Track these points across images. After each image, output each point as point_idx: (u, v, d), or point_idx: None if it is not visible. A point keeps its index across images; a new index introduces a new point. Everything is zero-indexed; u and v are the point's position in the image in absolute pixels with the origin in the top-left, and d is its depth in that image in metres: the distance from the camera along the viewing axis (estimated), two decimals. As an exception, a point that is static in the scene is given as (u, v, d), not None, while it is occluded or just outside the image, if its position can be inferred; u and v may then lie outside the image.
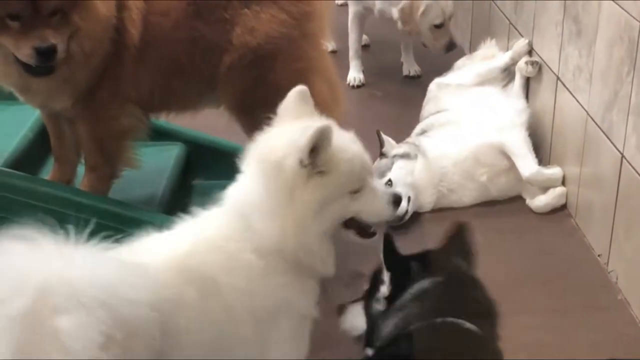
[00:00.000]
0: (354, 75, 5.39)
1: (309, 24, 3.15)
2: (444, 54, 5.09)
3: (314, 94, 3.17)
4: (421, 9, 4.95)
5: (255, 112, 3.16)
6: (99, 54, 2.99)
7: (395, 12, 5.09)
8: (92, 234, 1.89)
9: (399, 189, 3.80)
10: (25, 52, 2.79)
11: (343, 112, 3.32)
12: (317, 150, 2.07)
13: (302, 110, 2.27)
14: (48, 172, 3.46)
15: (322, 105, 3.19)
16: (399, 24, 5.10)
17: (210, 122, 3.62)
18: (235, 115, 3.23)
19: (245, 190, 2.17)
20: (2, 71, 2.95)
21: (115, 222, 2.98)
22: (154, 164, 3.60)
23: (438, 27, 5.03)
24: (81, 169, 3.34)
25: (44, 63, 2.83)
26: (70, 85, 3.03)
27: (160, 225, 2.24)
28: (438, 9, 4.98)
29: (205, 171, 3.85)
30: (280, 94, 3.14)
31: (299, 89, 2.30)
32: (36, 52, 2.79)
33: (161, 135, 3.79)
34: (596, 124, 3.53)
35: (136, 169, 3.32)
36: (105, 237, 1.92)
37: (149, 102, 3.19)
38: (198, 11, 3.07)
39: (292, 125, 2.20)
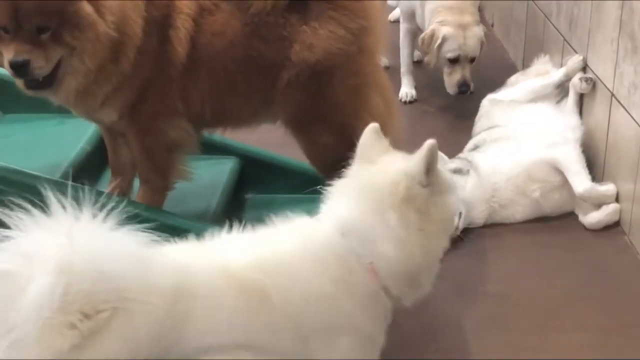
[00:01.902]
0: (406, 90, 5.40)
1: (366, 39, 3.17)
2: (456, 93, 5.02)
3: (370, 109, 3.20)
4: (439, 41, 4.93)
5: (312, 127, 3.20)
6: (112, 71, 2.99)
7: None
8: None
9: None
10: (5, 64, 2.85)
11: (398, 127, 3.34)
12: (430, 169, 2.16)
13: (379, 146, 2.32)
14: (104, 184, 3.52)
15: (378, 120, 3.21)
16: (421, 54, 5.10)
17: (263, 137, 3.66)
18: (292, 130, 3.25)
19: (357, 216, 2.20)
20: (21, 82, 3.01)
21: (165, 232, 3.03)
22: (208, 178, 3.64)
23: (452, 61, 4.98)
24: (138, 182, 3.39)
25: (20, 77, 2.88)
26: (97, 99, 3.06)
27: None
28: (454, 43, 4.92)
29: (258, 185, 3.88)
30: (338, 109, 3.19)
31: (373, 127, 2.34)
32: (10, 66, 2.83)
33: (215, 149, 3.83)
34: (651, 140, 3.51)
35: (188, 181, 3.36)
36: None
37: (201, 117, 3.22)
38: (256, 30, 3.09)
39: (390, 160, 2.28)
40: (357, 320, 2.18)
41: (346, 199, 2.25)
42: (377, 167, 2.26)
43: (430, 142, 2.16)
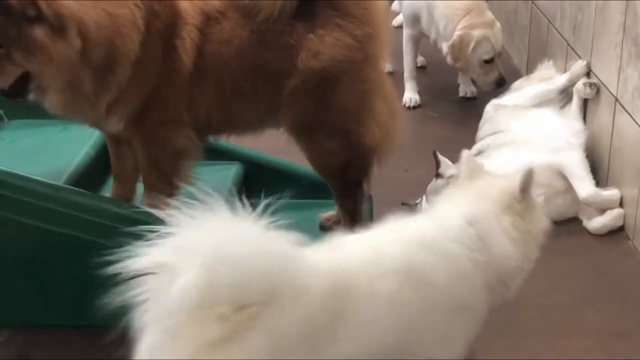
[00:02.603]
0: (410, 96, 5.41)
1: (372, 47, 3.17)
2: (494, 89, 5.07)
3: (374, 115, 3.22)
4: (472, 45, 4.95)
5: (317, 133, 3.21)
6: (108, 83, 2.98)
7: (444, 47, 5.11)
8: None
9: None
10: None
11: (401, 133, 3.35)
12: (525, 189, 2.47)
13: (480, 168, 2.63)
14: (109, 189, 3.53)
15: (382, 126, 3.23)
16: (449, 59, 5.11)
17: (268, 142, 3.66)
18: (296, 136, 3.26)
19: (479, 213, 2.42)
20: None
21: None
22: (212, 183, 3.62)
23: (488, 62, 5.02)
24: (141, 188, 3.40)
25: None
26: (97, 110, 3.05)
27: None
28: (488, 44, 4.97)
29: (262, 190, 3.87)
30: (342, 116, 3.21)
31: (470, 153, 2.67)
32: None
33: (219, 154, 3.83)
34: (655, 145, 3.52)
35: (192, 186, 3.36)
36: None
37: (207, 124, 3.23)
38: (263, 38, 3.10)
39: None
40: (479, 303, 2.39)
41: (465, 201, 2.46)
42: (484, 182, 2.55)
43: (528, 168, 2.50)
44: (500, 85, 5.05)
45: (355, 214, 3.40)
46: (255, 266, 1.99)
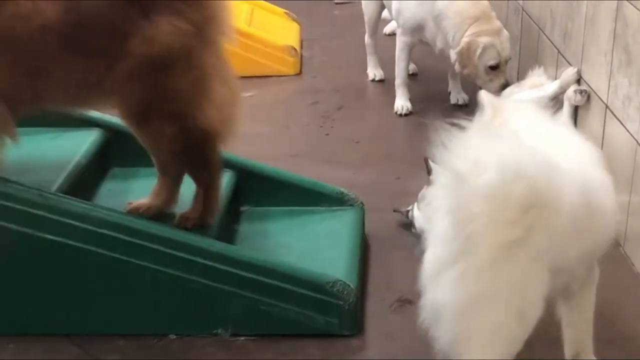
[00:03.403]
0: (402, 103, 5.41)
1: (210, 31, 3.14)
2: (499, 94, 5.09)
3: (211, 99, 3.16)
4: (478, 51, 4.97)
5: (154, 121, 3.16)
6: None
7: (452, 55, 5.12)
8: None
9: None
10: None
11: (242, 116, 3.34)
12: None
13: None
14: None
15: (221, 110, 3.19)
16: (457, 67, 5.12)
17: (260, 150, 3.67)
18: (134, 125, 3.22)
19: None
20: None
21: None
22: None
23: (493, 68, 5.05)
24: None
25: None
26: None
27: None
28: (494, 50, 5.00)
29: (254, 198, 3.88)
30: (177, 101, 3.14)
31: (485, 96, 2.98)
32: None
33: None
34: (645, 152, 3.52)
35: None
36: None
37: (16, 97, 3.14)
38: (81, 19, 3.02)
39: None
40: None
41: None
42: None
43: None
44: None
45: (212, 188, 3.39)
46: (538, 173, 2.22)
